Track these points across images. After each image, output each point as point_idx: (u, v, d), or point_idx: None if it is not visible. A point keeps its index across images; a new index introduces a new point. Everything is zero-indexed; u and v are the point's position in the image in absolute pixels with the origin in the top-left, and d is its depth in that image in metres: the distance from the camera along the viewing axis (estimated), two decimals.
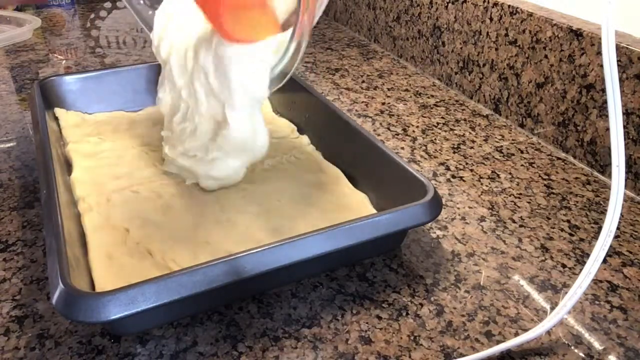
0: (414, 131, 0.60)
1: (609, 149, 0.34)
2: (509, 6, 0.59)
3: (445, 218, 0.46)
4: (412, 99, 0.68)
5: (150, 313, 0.30)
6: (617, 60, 0.46)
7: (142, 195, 0.44)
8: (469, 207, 0.47)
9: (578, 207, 0.48)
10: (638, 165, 0.49)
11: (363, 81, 0.73)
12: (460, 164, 0.54)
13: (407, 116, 0.63)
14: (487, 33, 0.63)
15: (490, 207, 0.47)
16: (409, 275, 0.39)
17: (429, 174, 0.52)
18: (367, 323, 0.35)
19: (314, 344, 0.33)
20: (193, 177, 0.45)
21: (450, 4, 0.68)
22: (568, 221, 0.46)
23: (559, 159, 0.55)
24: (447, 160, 0.55)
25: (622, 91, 0.48)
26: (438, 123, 0.62)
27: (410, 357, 0.33)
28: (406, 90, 0.70)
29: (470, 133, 0.60)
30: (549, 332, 0.35)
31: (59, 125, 0.53)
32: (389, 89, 0.70)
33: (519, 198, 0.49)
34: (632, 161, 0.49)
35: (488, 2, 0.62)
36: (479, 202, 0.48)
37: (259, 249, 0.33)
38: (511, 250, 0.42)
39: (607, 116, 0.41)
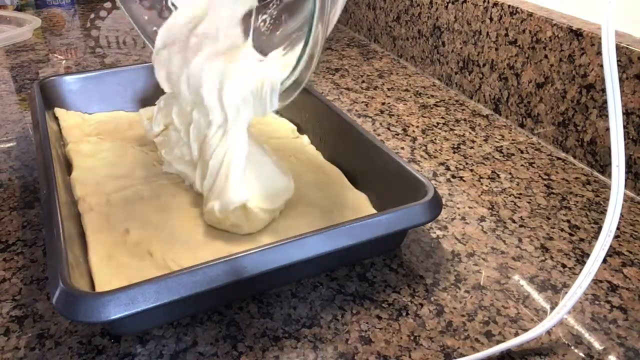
0: (414, 131, 0.60)
1: (609, 149, 0.34)
2: (509, 6, 0.59)
3: (445, 218, 0.46)
4: (412, 99, 0.68)
5: (150, 313, 0.30)
6: (617, 60, 0.46)
7: (141, 195, 0.44)
8: (469, 207, 0.47)
9: (578, 207, 0.48)
10: (638, 165, 0.49)
11: (363, 81, 0.73)
12: (460, 164, 0.54)
13: (407, 116, 0.63)
14: (487, 33, 0.63)
15: (490, 207, 0.47)
16: (409, 275, 0.39)
17: (429, 174, 0.52)
18: (367, 323, 0.35)
19: (314, 344, 0.33)
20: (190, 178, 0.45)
21: (450, 4, 0.68)
22: (568, 221, 0.46)
23: (559, 159, 0.55)
24: (447, 160, 0.55)
25: (622, 91, 0.48)
26: (438, 123, 0.62)
27: (410, 357, 0.33)
28: (406, 90, 0.70)
29: (470, 133, 0.60)
30: (549, 332, 0.35)
31: (59, 125, 0.53)
32: (389, 89, 0.70)
33: (519, 198, 0.49)
34: (632, 161, 0.49)
35: (488, 2, 0.62)
36: (479, 202, 0.48)
37: (259, 249, 0.33)
38: (511, 250, 0.42)
39: (607, 116, 0.41)
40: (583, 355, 0.33)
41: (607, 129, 0.48)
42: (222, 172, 0.39)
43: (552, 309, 0.36)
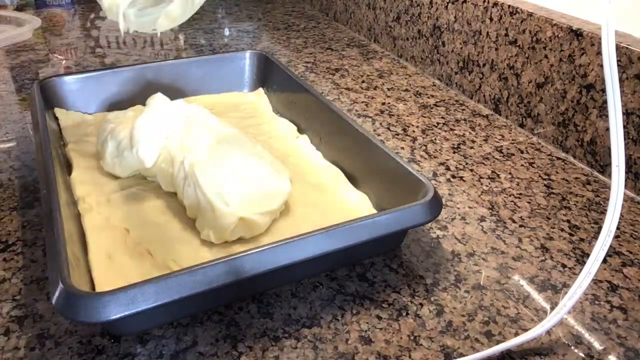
0: (414, 131, 0.60)
1: (609, 149, 0.34)
2: (509, 6, 0.59)
3: (445, 218, 0.46)
4: (412, 99, 0.68)
5: (150, 313, 0.30)
6: (617, 60, 0.46)
7: (141, 195, 0.44)
8: (469, 207, 0.47)
9: (578, 207, 0.48)
10: (638, 165, 0.49)
11: (363, 81, 0.73)
12: (460, 164, 0.54)
13: (407, 116, 0.63)
14: (487, 33, 0.63)
15: (490, 207, 0.47)
16: (409, 275, 0.39)
17: (429, 174, 0.52)
18: (367, 323, 0.35)
19: (314, 344, 0.33)
20: None
21: (450, 4, 0.68)
22: (568, 221, 0.46)
23: (559, 159, 0.55)
24: (447, 160, 0.55)
25: (622, 91, 0.48)
26: (438, 123, 0.62)
27: (410, 357, 0.33)
28: (406, 90, 0.70)
29: (470, 133, 0.60)
30: (549, 332, 0.35)
31: (59, 125, 0.53)
32: (389, 89, 0.70)
33: (519, 198, 0.49)
34: (632, 161, 0.49)
35: (488, 2, 0.62)
36: (479, 202, 0.48)
37: (259, 249, 0.33)
38: (511, 250, 0.42)
39: (607, 116, 0.41)
40: (583, 355, 0.33)
41: (607, 129, 0.48)
42: (205, 207, 0.39)
43: (552, 309, 0.36)
